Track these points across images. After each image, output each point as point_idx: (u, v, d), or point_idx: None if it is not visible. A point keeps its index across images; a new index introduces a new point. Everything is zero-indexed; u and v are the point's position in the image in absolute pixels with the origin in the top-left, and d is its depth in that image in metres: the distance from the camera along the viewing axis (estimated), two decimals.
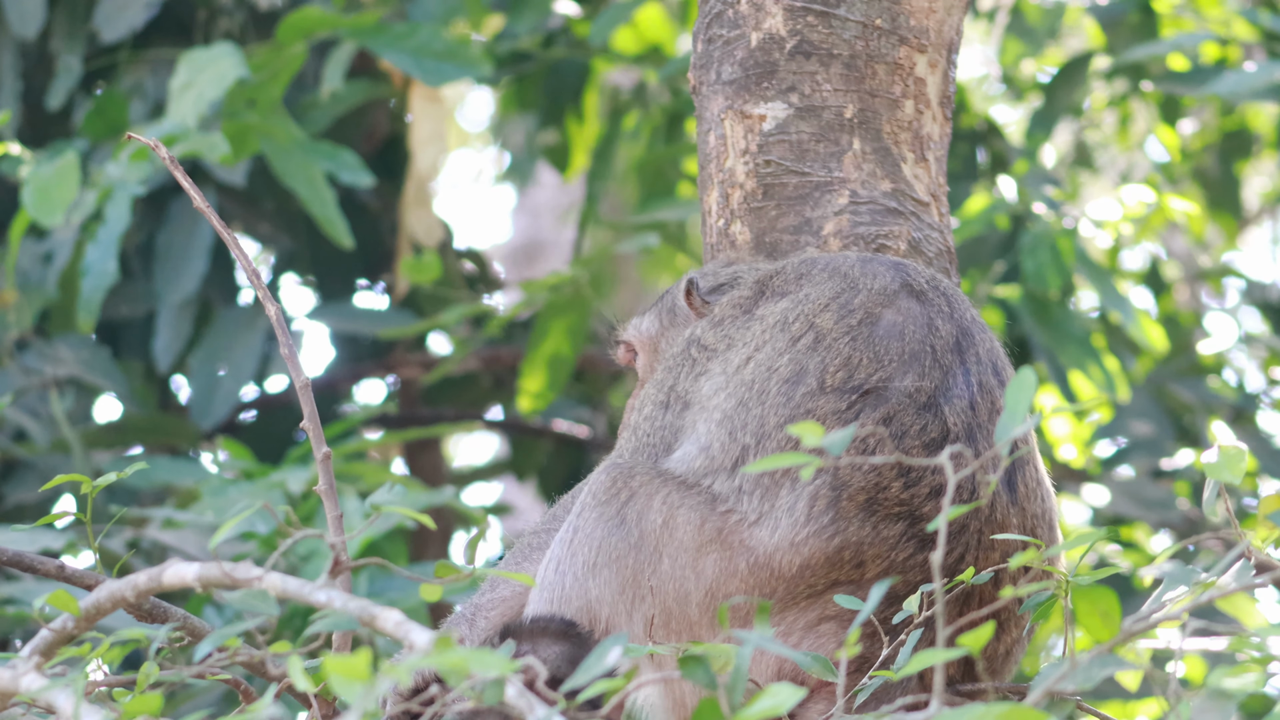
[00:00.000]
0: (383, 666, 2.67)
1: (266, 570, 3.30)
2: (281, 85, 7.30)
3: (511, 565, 4.58)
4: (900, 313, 4.23)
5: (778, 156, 4.84)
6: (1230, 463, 3.56)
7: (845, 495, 4.10)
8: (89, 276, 7.07)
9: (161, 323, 7.74)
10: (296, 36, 7.37)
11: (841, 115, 4.86)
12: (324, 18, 7.37)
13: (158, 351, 7.74)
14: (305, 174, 7.25)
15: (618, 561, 4.17)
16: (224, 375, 7.70)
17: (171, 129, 6.98)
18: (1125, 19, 8.23)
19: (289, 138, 7.24)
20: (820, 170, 4.84)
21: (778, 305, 4.32)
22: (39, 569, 4.28)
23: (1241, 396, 8.50)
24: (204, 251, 7.65)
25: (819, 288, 4.30)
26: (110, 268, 7.03)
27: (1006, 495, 4.17)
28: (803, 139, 4.85)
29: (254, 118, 7.22)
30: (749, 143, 4.86)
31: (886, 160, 4.86)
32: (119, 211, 7.00)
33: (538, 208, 13.02)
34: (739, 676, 2.70)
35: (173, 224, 7.72)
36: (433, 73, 7.40)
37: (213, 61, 7.14)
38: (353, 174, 7.29)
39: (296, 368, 4.20)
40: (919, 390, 4.15)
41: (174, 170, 4.31)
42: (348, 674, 2.62)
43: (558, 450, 8.91)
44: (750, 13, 4.89)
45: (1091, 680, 2.85)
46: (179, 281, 7.63)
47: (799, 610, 4.17)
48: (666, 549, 4.15)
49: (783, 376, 4.19)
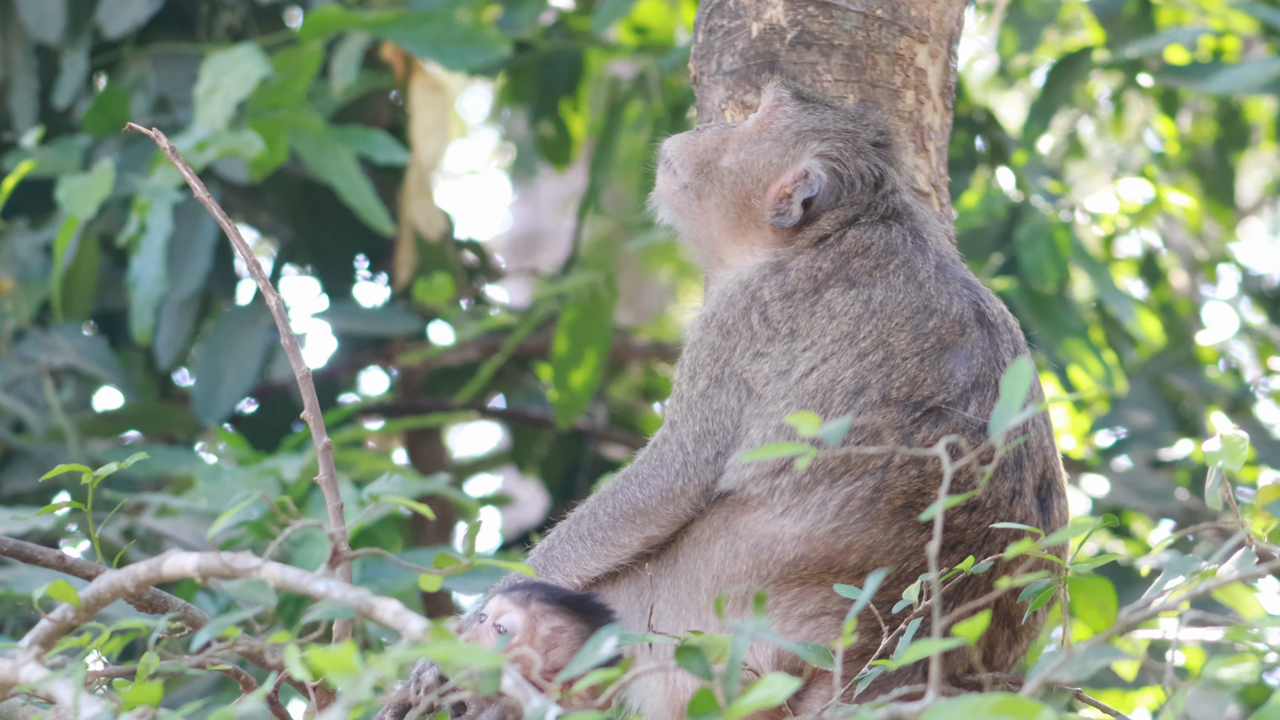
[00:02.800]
0: (370, 658, 2.67)
1: (265, 560, 3.31)
2: (304, 83, 7.32)
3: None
4: (970, 342, 4.27)
5: None
6: (1232, 451, 3.57)
7: (885, 498, 4.15)
8: (139, 287, 7.09)
9: (164, 318, 7.74)
10: (316, 34, 7.39)
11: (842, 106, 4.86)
12: (342, 16, 7.40)
13: (160, 347, 7.75)
14: (338, 165, 7.28)
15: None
16: (228, 371, 7.70)
17: (201, 134, 7.00)
18: (1123, 12, 8.23)
19: (319, 130, 7.26)
20: None
21: (846, 298, 4.31)
22: (39, 559, 4.29)
23: (1239, 387, 8.51)
24: (207, 248, 7.66)
25: (894, 296, 4.30)
26: (158, 275, 7.05)
27: (1039, 516, 4.24)
28: None
29: (282, 115, 7.24)
30: None
31: None
32: (160, 221, 7.03)
33: (538, 198, 13.02)
34: (734, 667, 2.71)
35: (177, 221, 7.73)
36: (454, 58, 7.41)
37: (236, 63, 7.16)
38: (388, 153, 7.33)
39: (297, 358, 4.20)
40: (978, 417, 4.20)
41: (174, 161, 4.32)
42: (336, 666, 2.62)
43: (559, 441, 8.91)
44: (751, 3, 4.89)
45: (1087, 670, 2.86)
46: (182, 278, 7.63)
47: (796, 597, 4.20)
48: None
49: (846, 388, 4.22)
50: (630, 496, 4.33)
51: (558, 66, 8.60)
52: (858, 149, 4.51)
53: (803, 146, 4.51)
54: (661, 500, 4.31)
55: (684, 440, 4.34)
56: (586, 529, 4.38)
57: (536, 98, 8.66)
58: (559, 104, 8.67)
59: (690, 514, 4.31)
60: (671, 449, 4.34)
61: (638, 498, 4.32)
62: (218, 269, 7.90)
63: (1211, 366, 8.59)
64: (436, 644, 2.62)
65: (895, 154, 4.57)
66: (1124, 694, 7.64)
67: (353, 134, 7.36)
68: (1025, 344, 4.44)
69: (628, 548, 4.35)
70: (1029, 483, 4.26)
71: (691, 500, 4.30)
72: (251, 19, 8.18)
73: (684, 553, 4.32)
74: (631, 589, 4.38)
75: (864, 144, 4.53)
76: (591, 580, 4.38)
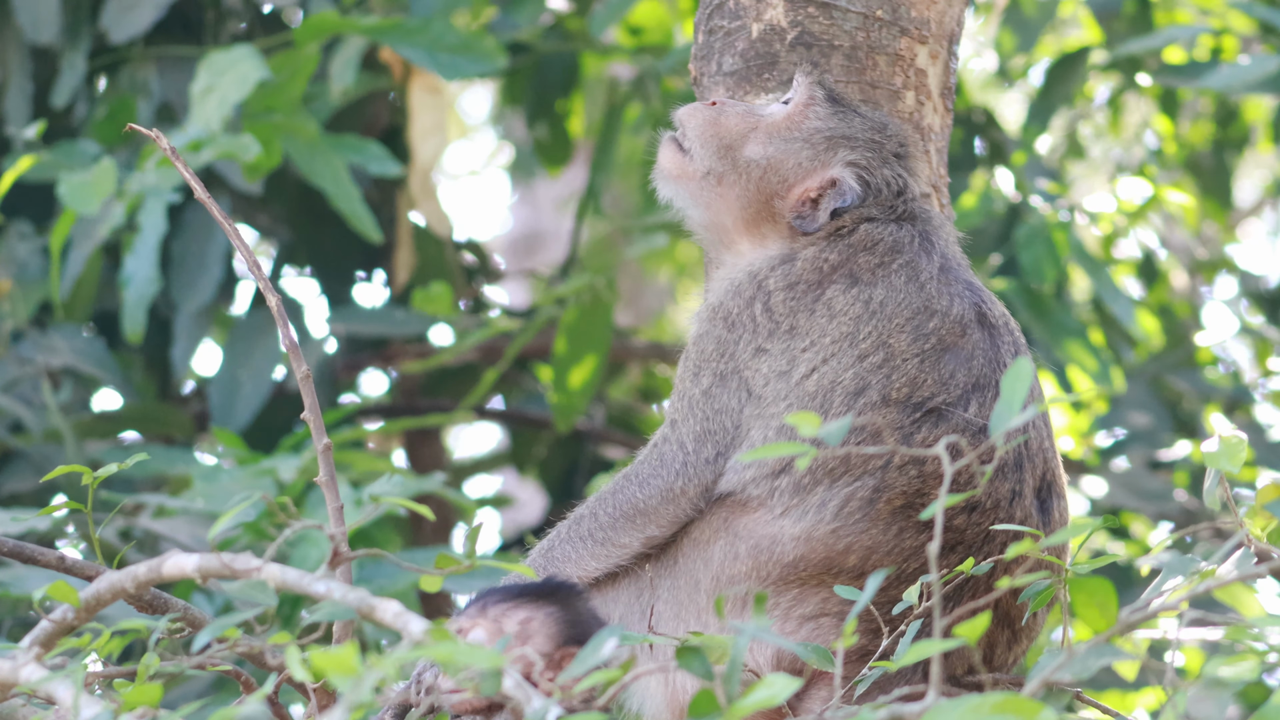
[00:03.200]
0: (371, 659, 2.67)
1: (265, 561, 3.31)
2: (300, 86, 7.31)
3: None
4: (971, 343, 4.27)
5: None
6: (1230, 452, 3.57)
7: (884, 498, 4.15)
8: (131, 286, 7.09)
9: (178, 330, 7.74)
10: (313, 38, 7.38)
11: None
12: (340, 20, 7.39)
13: (175, 358, 7.76)
14: (330, 171, 7.27)
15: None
16: (245, 379, 7.71)
17: (196, 134, 6.99)
18: (1121, 11, 8.23)
19: (313, 136, 7.26)
20: None
21: (847, 297, 4.30)
22: (39, 560, 4.28)
23: (1237, 388, 8.51)
24: (219, 259, 7.66)
25: (895, 296, 4.30)
26: (151, 275, 7.04)
27: (1039, 518, 4.24)
28: None
29: (277, 119, 7.24)
30: None
31: None
32: (154, 220, 7.01)
33: (538, 198, 13.02)
34: (735, 668, 2.71)
35: (188, 232, 7.72)
36: (448, 67, 7.40)
37: (233, 65, 7.15)
38: (380, 164, 7.31)
39: (298, 359, 4.20)
40: (978, 418, 4.19)
41: (176, 164, 4.31)
42: (338, 667, 2.62)
43: (558, 442, 8.91)
44: (751, 4, 4.89)
45: (1088, 670, 2.86)
46: (195, 289, 7.64)
47: (796, 598, 4.20)
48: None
49: (847, 389, 4.22)
50: (630, 496, 4.33)
51: (553, 69, 8.60)
52: (884, 159, 4.50)
53: (833, 153, 4.48)
54: (661, 500, 4.30)
55: (684, 440, 4.33)
56: (586, 529, 4.38)
57: (532, 100, 8.66)
58: (554, 106, 8.67)
59: (690, 514, 4.30)
60: (672, 449, 4.33)
61: (638, 498, 4.32)
62: (231, 280, 7.93)
63: (1210, 367, 8.59)
64: (437, 645, 2.61)
65: (913, 164, 4.57)
66: (1123, 694, 7.64)
67: (347, 142, 7.34)
68: (1026, 346, 4.44)
69: (628, 548, 4.35)
70: (1029, 484, 4.26)
71: (692, 500, 4.30)
72: (256, 24, 8.18)
73: (683, 553, 4.32)
74: (631, 589, 4.38)
75: (889, 154, 4.53)
76: (592, 581, 4.37)
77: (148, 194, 7.03)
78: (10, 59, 7.87)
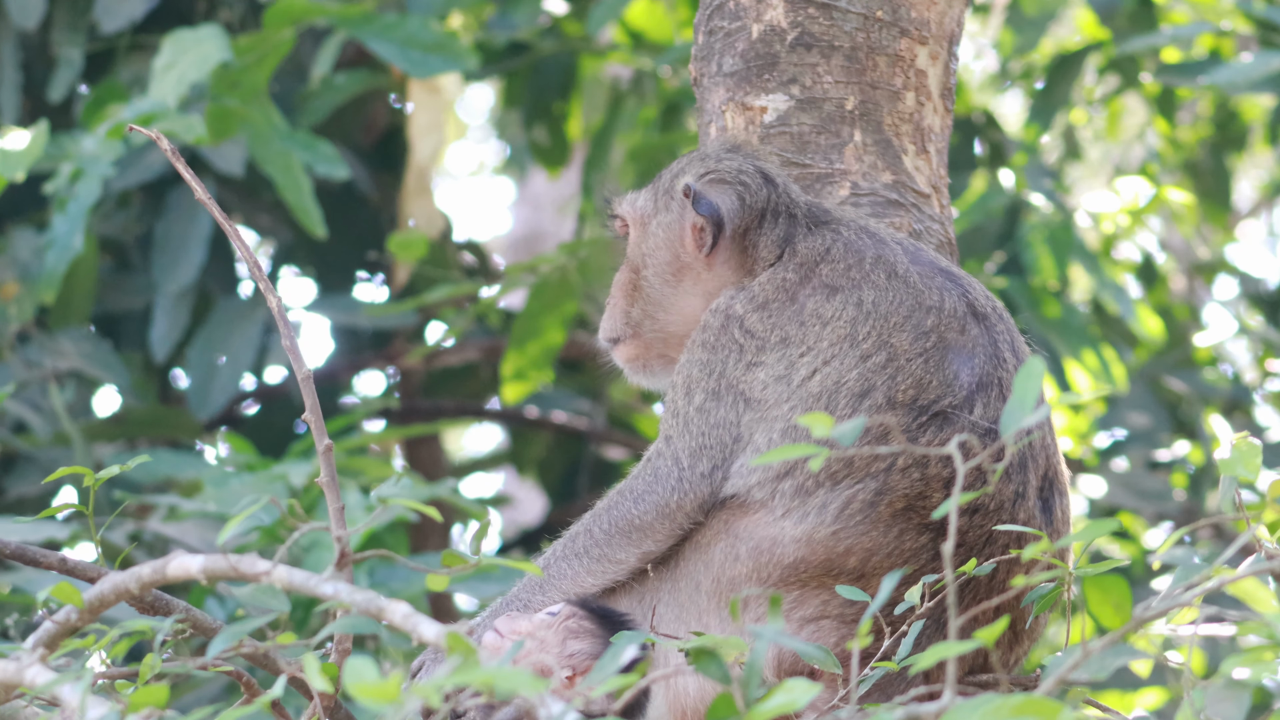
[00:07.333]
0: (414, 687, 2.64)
1: (274, 564, 3.29)
2: (266, 71, 7.28)
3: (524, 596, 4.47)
4: (970, 339, 4.26)
5: (779, 148, 4.83)
6: (1245, 457, 3.56)
7: (886, 501, 4.15)
8: (54, 249, 7.11)
9: (159, 312, 7.73)
10: (284, 23, 7.35)
11: (843, 107, 4.86)
12: (310, 6, 7.35)
13: (155, 341, 7.74)
14: (282, 161, 7.24)
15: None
16: (222, 365, 7.69)
17: (150, 107, 6.98)
18: (1121, 10, 8.23)
19: (269, 125, 7.22)
20: (821, 162, 4.84)
21: (834, 304, 4.29)
22: (42, 562, 4.27)
23: (1236, 389, 8.52)
24: (202, 242, 7.65)
25: (884, 295, 4.29)
26: (76, 242, 7.08)
27: (1042, 518, 4.23)
28: (804, 131, 4.85)
29: (236, 103, 7.21)
30: (750, 134, 4.85)
31: (888, 152, 4.86)
32: (89, 187, 7.04)
33: (538, 199, 13.02)
34: (754, 671, 2.70)
35: (171, 214, 7.71)
36: (418, 64, 7.37)
37: (197, 43, 7.14)
38: (329, 166, 7.27)
39: (298, 359, 4.18)
40: (983, 419, 4.19)
41: (175, 162, 4.30)
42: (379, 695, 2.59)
43: (557, 442, 8.90)
44: (751, 5, 4.89)
45: (1105, 670, 2.85)
46: (177, 271, 7.62)
47: (796, 600, 4.19)
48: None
49: (851, 390, 4.21)
50: (625, 513, 4.32)
51: (550, 71, 8.59)
52: (717, 158, 4.53)
53: (673, 191, 4.52)
54: (657, 516, 4.29)
55: (679, 455, 4.32)
56: (582, 546, 4.37)
57: (530, 102, 8.65)
58: (552, 108, 8.66)
59: (687, 528, 4.30)
60: (666, 464, 4.32)
61: (633, 514, 4.31)
62: (214, 263, 7.89)
63: (1209, 368, 8.60)
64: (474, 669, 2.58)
65: (756, 152, 4.59)
66: (1123, 694, 7.64)
67: (300, 139, 7.30)
68: (1018, 331, 4.43)
69: (624, 564, 4.34)
70: (1032, 484, 4.26)
71: (688, 514, 4.28)
72: (249, 15, 8.17)
73: (684, 556, 4.31)
74: (631, 592, 4.37)
75: (720, 153, 4.55)
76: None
77: (85, 163, 7.04)
78: (1, 50, 7.87)
